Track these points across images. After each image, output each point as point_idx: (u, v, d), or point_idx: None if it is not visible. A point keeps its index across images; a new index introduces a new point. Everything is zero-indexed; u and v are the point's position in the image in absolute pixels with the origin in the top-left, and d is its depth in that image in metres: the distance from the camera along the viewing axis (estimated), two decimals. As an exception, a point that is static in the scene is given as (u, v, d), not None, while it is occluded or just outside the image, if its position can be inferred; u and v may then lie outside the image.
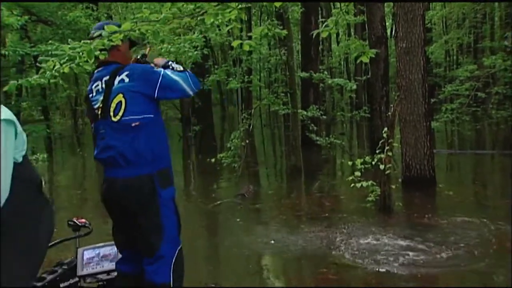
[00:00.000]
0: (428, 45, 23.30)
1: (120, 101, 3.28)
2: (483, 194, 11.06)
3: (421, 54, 10.67)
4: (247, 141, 13.02)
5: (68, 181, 15.45)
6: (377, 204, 9.06)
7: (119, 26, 3.30)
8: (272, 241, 7.70)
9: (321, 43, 21.22)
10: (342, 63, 34.90)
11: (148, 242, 3.35)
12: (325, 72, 18.07)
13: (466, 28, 26.98)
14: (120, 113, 3.28)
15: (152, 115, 3.38)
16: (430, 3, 26.64)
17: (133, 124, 3.28)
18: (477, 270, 6.19)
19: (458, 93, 18.95)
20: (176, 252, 3.44)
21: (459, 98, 18.58)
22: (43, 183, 2.87)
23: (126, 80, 3.31)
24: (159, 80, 3.34)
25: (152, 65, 3.62)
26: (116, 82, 3.32)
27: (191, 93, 3.51)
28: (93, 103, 3.39)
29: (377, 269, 6.29)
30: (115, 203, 3.39)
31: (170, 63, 3.60)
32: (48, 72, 3.27)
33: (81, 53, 3.17)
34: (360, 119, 22.67)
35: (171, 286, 3.37)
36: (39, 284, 4.12)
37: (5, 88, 3.53)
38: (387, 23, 19.11)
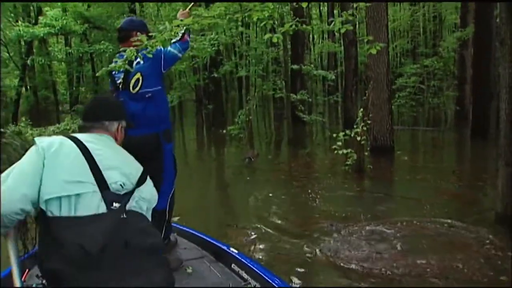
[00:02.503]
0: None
1: (138, 78, 3.38)
2: (427, 159, 11.47)
3: (385, 53, 10.85)
4: (250, 117, 12.95)
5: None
6: (353, 167, 9.05)
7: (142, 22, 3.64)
8: (270, 194, 7.74)
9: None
10: (317, 59, 34.87)
11: (153, 181, 3.43)
12: (312, 65, 18.25)
13: (408, 38, 27.19)
14: (138, 88, 3.38)
15: (160, 87, 3.48)
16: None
17: (147, 95, 3.39)
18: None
19: (406, 84, 19.24)
20: (172, 190, 3.60)
21: (407, 88, 18.92)
22: None
23: (142, 62, 3.39)
24: (162, 58, 3.42)
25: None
26: (134, 63, 3.38)
27: (180, 56, 3.54)
28: (115, 78, 3.47)
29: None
30: (130, 153, 3.44)
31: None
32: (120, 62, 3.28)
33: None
34: (333, 102, 22.95)
35: (167, 210, 3.54)
36: None
37: (98, 74, 3.63)
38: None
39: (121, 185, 1.98)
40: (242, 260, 3.24)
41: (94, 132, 2.19)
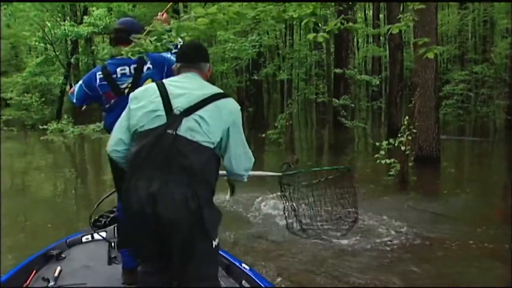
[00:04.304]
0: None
1: None
2: (476, 171, 10.84)
3: (434, 59, 10.12)
4: (291, 122, 12.62)
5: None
6: (396, 177, 8.58)
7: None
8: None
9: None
10: (361, 63, 34.22)
11: None
12: (356, 70, 17.83)
13: (456, 43, 26.24)
14: None
15: None
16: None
17: None
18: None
19: (454, 92, 18.71)
20: None
21: (454, 96, 18.36)
22: None
23: (151, 67, 3.29)
24: (166, 67, 3.30)
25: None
26: (145, 69, 3.29)
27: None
28: (118, 82, 3.30)
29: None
30: None
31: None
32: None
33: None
34: (376, 108, 22.37)
35: None
36: (102, 220, 4.11)
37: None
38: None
39: (179, 109, 2.39)
40: (253, 277, 3.19)
41: (188, 71, 2.61)
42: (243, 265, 3.39)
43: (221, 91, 2.54)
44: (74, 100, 3.50)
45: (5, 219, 7.24)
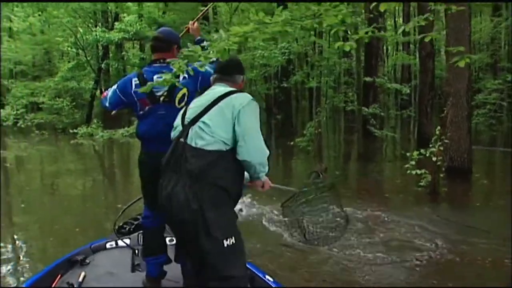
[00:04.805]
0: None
1: (185, 94, 3.31)
2: (509, 183, 10.01)
3: (467, 67, 9.91)
4: (319, 130, 12.53)
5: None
6: (426, 188, 8.39)
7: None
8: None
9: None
10: (391, 71, 33.85)
11: None
12: (385, 78, 17.64)
13: (489, 51, 25.66)
14: (183, 103, 3.28)
15: None
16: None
17: None
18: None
19: (486, 101, 18.34)
20: None
21: (487, 105, 17.98)
22: None
23: (187, 77, 3.29)
24: (200, 76, 3.35)
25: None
26: (181, 78, 3.26)
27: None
28: (154, 90, 3.26)
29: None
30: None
31: (205, 42, 3.56)
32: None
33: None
34: (406, 117, 22.04)
35: None
36: (126, 227, 4.18)
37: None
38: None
39: (187, 119, 2.77)
40: None
41: (220, 82, 2.95)
42: (267, 276, 3.40)
43: (232, 89, 2.84)
44: (107, 105, 3.51)
45: (37, 222, 7.41)
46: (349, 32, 11.30)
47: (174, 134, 2.85)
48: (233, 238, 2.59)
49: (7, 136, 20.82)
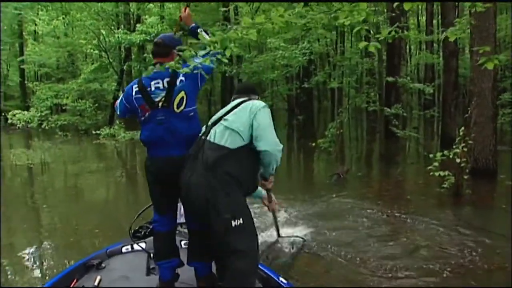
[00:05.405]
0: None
1: (183, 97, 3.32)
2: None
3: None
4: (341, 130, 12.41)
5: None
6: (450, 190, 8.20)
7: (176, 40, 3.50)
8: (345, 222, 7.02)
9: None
10: (414, 70, 33.50)
11: None
12: (408, 78, 17.41)
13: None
14: (182, 107, 3.32)
15: (196, 106, 3.48)
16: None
17: (189, 114, 3.37)
18: None
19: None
20: None
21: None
22: None
23: (184, 79, 3.32)
24: (199, 77, 3.39)
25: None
26: (177, 82, 3.31)
27: (214, 66, 3.52)
28: (152, 95, 3.33)
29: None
30: (170, 175, 3.28)
31: (200, 29, 3.68)
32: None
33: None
34: (429, 117, 21.74)
35: None
36: (142, 231, 4.28)
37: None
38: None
39: (211, 121, 3.25)
40: None
41: (239, 98, 3.37)
42: (281, 278, 3.42)
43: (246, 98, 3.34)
44: (118, 112, 3.60)
45: (59, 222, 7.54)
46: (371, 32, 11.16)
47: (200, 134, 3.26)
48: (241, 219, 2.92)
49: (32, 138, 21.14)
